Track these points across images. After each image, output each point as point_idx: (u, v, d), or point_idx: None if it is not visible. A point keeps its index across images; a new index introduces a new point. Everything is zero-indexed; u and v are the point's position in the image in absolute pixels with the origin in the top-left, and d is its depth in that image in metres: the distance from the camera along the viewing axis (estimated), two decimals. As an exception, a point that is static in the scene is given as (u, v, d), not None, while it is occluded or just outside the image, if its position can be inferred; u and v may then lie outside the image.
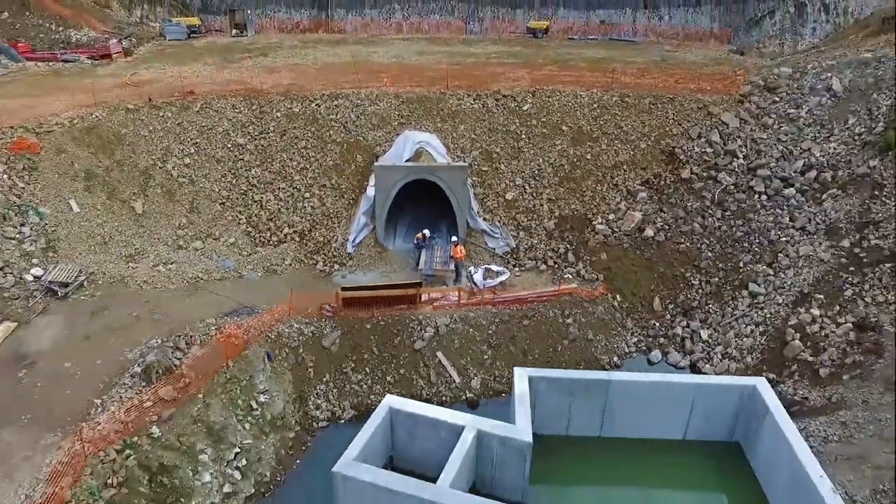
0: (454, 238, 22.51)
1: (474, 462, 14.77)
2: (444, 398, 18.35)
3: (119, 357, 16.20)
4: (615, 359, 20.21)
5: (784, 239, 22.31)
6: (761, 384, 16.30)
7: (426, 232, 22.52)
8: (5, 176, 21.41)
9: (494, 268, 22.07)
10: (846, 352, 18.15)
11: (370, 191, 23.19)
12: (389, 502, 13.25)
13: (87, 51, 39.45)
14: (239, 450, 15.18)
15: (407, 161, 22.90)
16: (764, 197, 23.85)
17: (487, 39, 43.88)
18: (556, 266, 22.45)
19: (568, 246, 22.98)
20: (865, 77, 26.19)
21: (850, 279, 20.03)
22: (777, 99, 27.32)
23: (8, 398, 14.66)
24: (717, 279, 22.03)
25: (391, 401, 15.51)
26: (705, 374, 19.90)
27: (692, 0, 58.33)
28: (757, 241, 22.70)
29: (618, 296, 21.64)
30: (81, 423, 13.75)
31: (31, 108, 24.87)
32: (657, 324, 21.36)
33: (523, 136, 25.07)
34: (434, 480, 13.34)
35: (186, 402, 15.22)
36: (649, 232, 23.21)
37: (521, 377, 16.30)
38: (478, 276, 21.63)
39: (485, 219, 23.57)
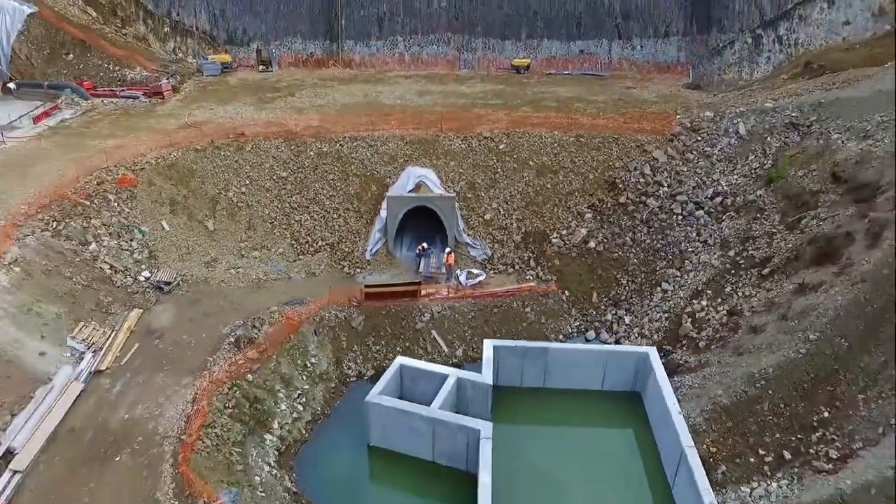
0: (447, 249, 30.61)
1: (455, 398, 22.86)
2: (436, 362, 26.42)
3: (217, 332, 24.34)
4: (560, 337, 28.32)
5: (690, 249, 30.40)
6: (652, 352, 24.38)
7: (424, 245, 30.67)
8: (115, 203, 29.53)
9: (474, 271, 30.21)
10: (718, 330, 26.23)
11: (383, 213, 31.30)
12: (401, 418, 21.42)
13: (141, 88, 47.51)
14: (300, 392, 23.35)
15: (410, 192, 31.06)
16: (680, 217, 31.93)
17: (477, 76, 51.95)
18: (521, 270, 30.60)
19: (530, 254, 31.14)
20: (763, 123, 34.25)
21: (730, 280, 28.11)
22: (699, 138, 35.41)
23: (153, 357, 22.80)
24: (639, 279, 30.14)
25: (401, 360, 23.71)
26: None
27: (661, 31, 66.21)
28: (671, 251, 30.79)
29: (565, 292, 29.80)
30: (205, 371, 21.88)
31: (122, 149, 32.92)
32: (594, 312, 29.52)
33: (499, 170, 33.22)
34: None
35: (265, 360, 23.37)
36: (592, 244, 31.33)
37: (489, 346, 24.41)
38: (462, 277, 29.75)
39: (468, 234, 31.71)
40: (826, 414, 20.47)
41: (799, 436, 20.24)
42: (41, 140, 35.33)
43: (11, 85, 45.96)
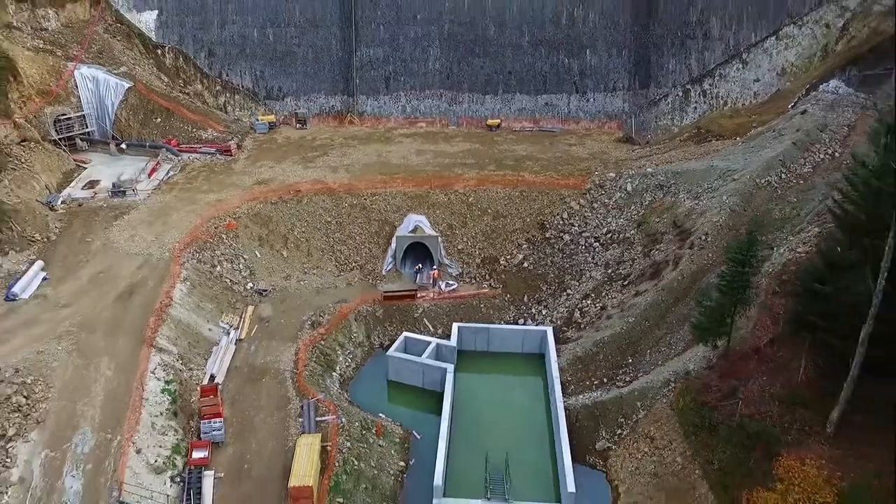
0: (433, 268, 49.84)
1: (434, 355, 42.23)
2: (426, 335, 45.82)
3: (299, 319, 43.67)
4: (502, 322, 47.55)
5: (586, 268, 49.59)
6: (549, 331, 43.78)
7: (419, 265, 49.98)
8: (226, 240, 48.73)
9: (451, 282, 49.47)
10: (593, 318, 45.39)
11: (393, 245, 50.56)
12: (405, 364, 40.93)
13: (214, 145, 66.73)
14: (349, 351, 42.80)
15: (410, 232, 50.32)
16: (583, 247, 51.08)
17: (460, 134, 71.27)
18: (479, 281, 49.89)
19: (486, 271, 50.48)
20: (643, 183, 53.37)
21: (605, 288, 47.29)
22: (602, 192, 54.57)
23: (267, 332, 42.19)
24: (553, 287, 49.40)
25: (405, 334, 43.22)
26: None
27: (610, 87, 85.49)
28: (575, 269, 49.99)
29: (507, 295, 49.13)
30: (297, 339, 41.28)
31: (223, 202, 52.07)
32: (524, 307, 48.77)
33: (467, 216, 52.51)
34: (420, 356, 41.25)
35: (329, 334, 42.71)
36: (525, 264, 50.62)
37: (455, 327, 43.90)
38: (442, 286, 49.04)
39: (447, 258, 50.98)
40: (630, 360, 39.78)
41: (613, 371, 39.55)
42: (165, 194, 54.57)
43: (123, 145, 65.40)
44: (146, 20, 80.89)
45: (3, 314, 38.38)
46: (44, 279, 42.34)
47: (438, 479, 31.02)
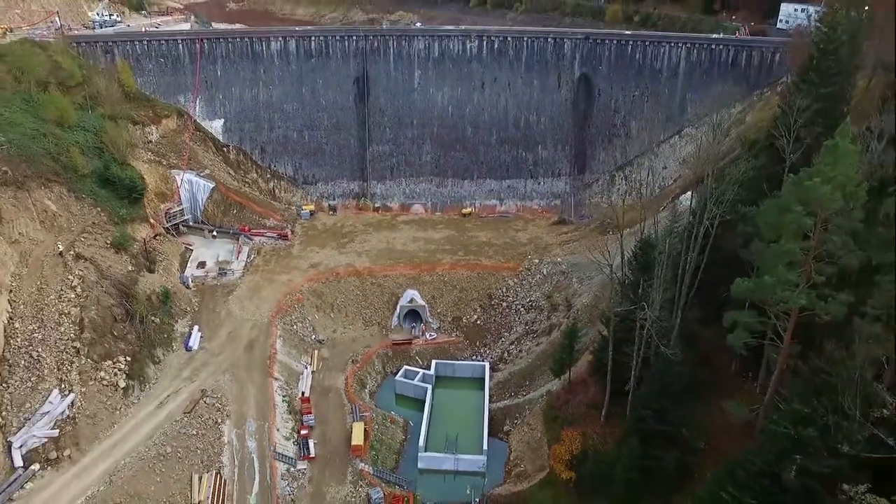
0: (422, 324, 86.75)
1: (422, 379, 79.14)
2: (418, 367, 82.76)
3: (344, 358, 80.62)
4: (463, 359, 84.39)
5: (513, 325, 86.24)
6: (487, 364, 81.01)
7: (414, 324, 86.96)
8: (297, 309, 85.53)
9: (433, 333, 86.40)
10: (514, 356, 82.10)
11: (398, 310, 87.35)
12: (404, 384, 78.08)
13: (275, 231, 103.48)
14: (373, 377, 79.98)
15: (408, 302, 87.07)
16: (514, 311, 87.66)
17: (443, 221, 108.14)
18: (450, 332, 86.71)
19: (453, 327, 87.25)
20: (554, 268, 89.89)
21: (524, 338, 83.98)
22: (529, 273, 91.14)
23: (328, 366, 79.17)
24: (494, 337, 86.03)
25: (405, 367, 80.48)
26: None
27: (556, 173, 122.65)
28: (508, 325, 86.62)
29: (466, 341, 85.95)
30: (346, 370, 78.34)
31: (291, 282, 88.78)
32: (475, 350, 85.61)
33: (444, 290, 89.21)
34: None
35: (362, 367, 79.73)
36: (478, 322, 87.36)
37: (433, 363, 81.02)
38: (428, 336, 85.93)
39: (431, 318, 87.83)
40: (527, 383, 76.57)
41: (517, 389, 76.33)
42: (253, 275, 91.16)
43: (214, 233, 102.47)
44: (216, 126, 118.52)
45: (188, 360, 75.06)
46: (201, 337, 79.21)
47: (421, 442, 67.90)
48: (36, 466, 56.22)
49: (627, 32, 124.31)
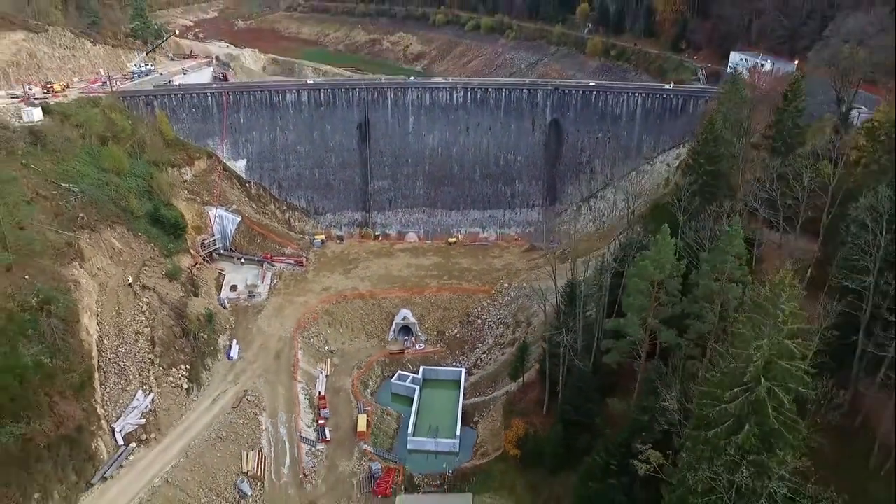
0: (413, 337, 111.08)
1: (412, 382, 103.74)
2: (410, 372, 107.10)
3: (351, 364, 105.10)
4: (446, 365, 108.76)
5: (486, 338, 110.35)
6: (463, 369, 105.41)
7: (406, 337, 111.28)
8: (314, 325, 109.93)
9: (421, 344, 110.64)
10: (487, 363, 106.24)
11: (393, 325, 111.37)
12: (399, 385, 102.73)
13: (292, 258, 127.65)
14: (374, 379, 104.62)
15: (402, 319, 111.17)
16: (487, 327, 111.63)
17: (432, 248, 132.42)
18: (435, 343, 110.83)
19: (438, 339, 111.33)
20: (519, 292, 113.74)
21: (493, 349, 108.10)
22: (500, 295, 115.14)
23: (338, 371, 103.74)
24: (470, 348, 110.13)
25: (399, 372, 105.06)
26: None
27: (530, 204, 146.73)
28: (482, 338, 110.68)
29: (448, 351, 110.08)
30: (352, 374, 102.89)
31: (308, 303, 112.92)
32: (455, 358, 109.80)
33: (430, 310, 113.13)
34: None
35: (365, 372, 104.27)
36: (458, 335, 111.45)
37: (421, 369, 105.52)
38: (417, 346, 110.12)
39: (421, 331, 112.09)
40: (493, 385, 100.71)
41: (486, 389, 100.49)
42: (276, 297, 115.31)
43: (242, 259, 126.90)
44: (239, 165, 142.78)
45: (230, 367, 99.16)
46: (239, 349, 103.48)
47: (410, 429, 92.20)
48: (133, 445, 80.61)
49: (592, 84, 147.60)
